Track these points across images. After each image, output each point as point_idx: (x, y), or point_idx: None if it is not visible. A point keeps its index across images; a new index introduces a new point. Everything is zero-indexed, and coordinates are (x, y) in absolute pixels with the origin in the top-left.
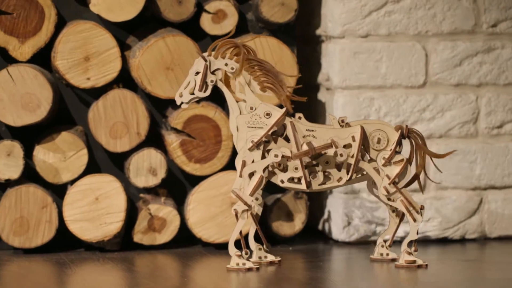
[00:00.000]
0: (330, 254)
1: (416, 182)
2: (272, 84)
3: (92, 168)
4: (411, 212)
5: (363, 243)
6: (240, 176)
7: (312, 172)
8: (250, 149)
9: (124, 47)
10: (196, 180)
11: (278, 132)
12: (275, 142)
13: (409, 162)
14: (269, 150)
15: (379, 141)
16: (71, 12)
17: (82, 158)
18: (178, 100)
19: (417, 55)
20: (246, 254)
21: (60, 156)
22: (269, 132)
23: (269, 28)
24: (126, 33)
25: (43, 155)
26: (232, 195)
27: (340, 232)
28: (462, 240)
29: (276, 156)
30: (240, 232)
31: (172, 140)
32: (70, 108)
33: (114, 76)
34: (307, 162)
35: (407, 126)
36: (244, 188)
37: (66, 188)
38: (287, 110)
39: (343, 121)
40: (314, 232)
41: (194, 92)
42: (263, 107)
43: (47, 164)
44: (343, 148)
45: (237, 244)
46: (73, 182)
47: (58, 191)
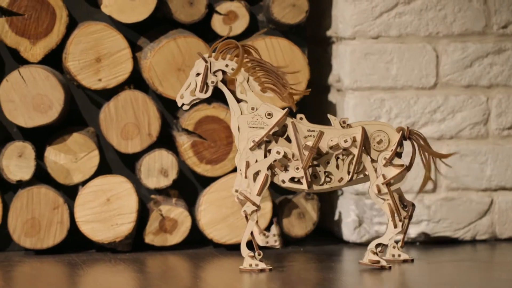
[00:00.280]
0: (342, 255)
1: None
2: (273, 84)
3: (103, 169)
4: (394, 218)
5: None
6: (245, 177)
7: (313, 173)
8: (251, 148)
9: (135, 48)
10: (207, 181)
11: (279, 133)
12: (276, 142)
13: (409, 167)
14: (270, 150)
15: (380, 142)
16: (82, 13)
17: (94, 159)
18: (179, 101)
19: (427, 56)
20: (259, 255)
21: (72, 157)
22: (270, 132)
23: (280, 29)
24: (137, 34)
25: (54, 156)
26: (240, 196)
27: (351, 233)
28: (472, 241)
29: (278, 153)
30: (252, 233)
31: (183, 141)
32: (81, 109)
33: (125, 77)
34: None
35: (408, 128)
36: (251, 189)
37: (77, 189)
38: (288, 110)
39: (344, 122)
40: (325, 233)
41: (195, 93)
42: (265, 108)
43: (58, 165)
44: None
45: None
46: (84, 183)
47: (69, 192)
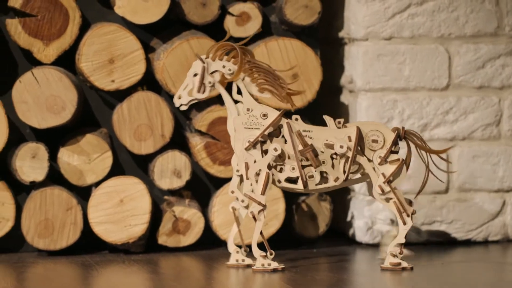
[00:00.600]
0: (354, 256)
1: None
2: (270, 85)
3: (116, 170)
4: (402, 215)
5: (387, 245)
6: (247, 178)
7: (309, 173)
8: (247, 148)
9: (148, 50)
10: (220, 182)
11: (275, 133)
12: (271, 142)
13: (406, 163)
14: (266, 150)
15: (375, 141)
16: (95, 14)
17: (107, 160)
18: (177, 102)
19: (440, 57)
20: (271, 254)
21: (85, 158)
22: (265, 132)
23: (292, 31)
24: (150, 35)
25: (67, 157)
26: (244, 198)
27: (363, 234)
28: (485, 242)
29: (275, 149)
30: (261, 233)
31: (196, 142)
32: (94, 111)
33: (138, 78)
34: (304, 163)
35: (403, 128)
36: (254, 189)
37: (90, 190)
38: (284, 111)
39: (339, 122)
40: (337, 234)
41: (193, 94)
42: (260, 108)
43: (71, 166)
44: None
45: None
46: (97, 184)
47: (83, 193)
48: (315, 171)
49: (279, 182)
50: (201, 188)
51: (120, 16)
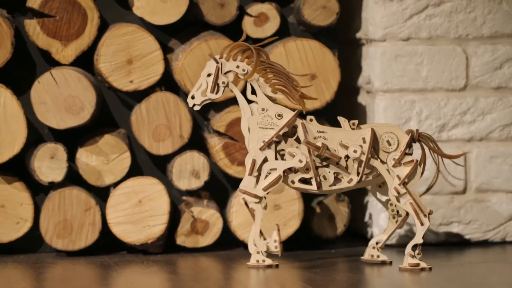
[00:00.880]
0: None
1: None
2: (284, 86)
3: (134, 170)
4: (419, 216)
5: (404, 245)
6: (249, 174)
7: (323, 173)
8: (261, 148)
9: (166, 50)
10: (238, 182)
11: (289, 134)
12: (286, 142)
13: (419, 164)
14: (279, 151)
15: (389, 143)
16: (113, 15)
17: (125, 161)
18: (190, 102)
19: (457, 58)
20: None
21: (103, 158)
22: (280, 133)
23: (310, 31)
24: (168, 36)
25: (86, 157)
26: (239, 193)
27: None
28: (502, 243)
29: (300, 161)
30: (260, 230)
31: (215, 143)
32: (112, 111)
33: (156, 79)
34: (318, 163)
35: (417, 130)
36: (259, 182)
37: (108, 190)
38: (298, 111)
39: (354, 123)
40: (355, 235)
41: (206, 94)
42: (275, 108)
43: (90, 167)
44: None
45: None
46: (115, 184)
47: (101, 194)
48: (329, 172)
49: (293, 182)
50: (219, 188)
51: (138, 17)
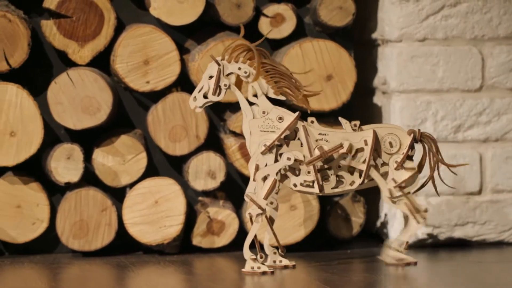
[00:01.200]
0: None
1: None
2: (287, 87)
3: (150, 171)
4: (414, 214)
5: (420, 246)
6: (254, 180)
7: (325, 176)
8: (263, 152)
9: (182, 51)
10: None
11: (291, 136)
12: (288, 145)
13: (419, 169)
14: (281, 154)
15: (391, 144)
16: (129, 16)
17: (141, 161)
18: (192, 104)
19: (473, 59)
20: (261, 258)
21: (119, 159)
22: (281, 136)
23: (326, 32)
24: (184, 36)
25: (102, 158)
26: (246, 199)
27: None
28: None
29: (288, 159)
30: (255, 236)
31: (231, 143)
32: (128, 112)
33: (173, 79)
34: (319, 166)
35: (419, 130)
36: (258, 192)
37: (124, 191)
38: (299, 114)
39: (355, 125)
40: (371, 235)
41: (208, 96)
42: (276, 111)
43: (106, 167)
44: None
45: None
46: (131, 185)
47: (117, 194)
48: (331, 175)
49: (295, 185)
50: (235, 189)
51: (155, 18)
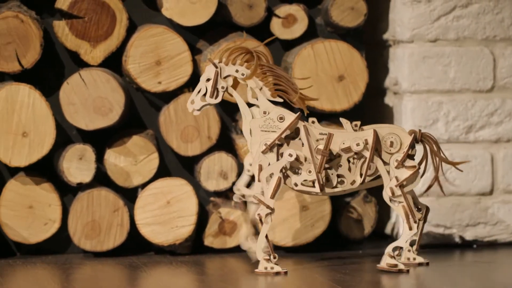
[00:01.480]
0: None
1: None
2: (283, 89)
3: (162, 171)
4: (409, 220)
5: (431, 247)
6: (259, 180)
7: (326, 176)
8: (264, 151)
9: (194, 51)
10: None
11: (292, 136)
12: (288, 145)
13: (420, 165)
14: (282, 153)
15: (392, 144)
16: (141, 16)
17: (153, 161)
18: (190, 107)
19: (485, 59)
20: (274, 258)
21: (131, 159)
22: (282, 135)
23: (338, 33)
24: (196, 37)
25: (114, 158)
26: (253, 200)
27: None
28: None
29: (290, 155)
30: (266, 236)
31: (243, 144)
32: (140, 112)
33: (185, 80)
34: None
35: (420, 131)
36: (264, 192)
37: (136, 191)
38: (300, 114)
39: (356, 125)
40: (382, 236)
41: (206, 99)
42: (277, 111)
43: (118, 168)
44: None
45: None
46: (143, 185)
47: (129, 195)
48: (332, 174)
49: (296, 185)
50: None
51: (166, 18)
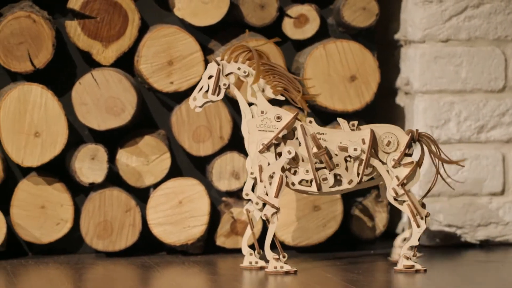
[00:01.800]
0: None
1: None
2: (285, 88)
3: (174, 171)
4: (416, 218)
5: (444, 246)
6: (261, 181)
7: (323, 175)
8: (261, 151)
9: (206, 51)
10: None
11: (289, 136)
12: (285, 145)
13: (418, 165)
14: (280, 153)
15: (389, 144)
16: (153, 17)
17: (165, 162)
18: (192, 104)
19: (496, 59)
20: (283, 257)
21: (143, 159)
22: (279, 135)
23: (350, 33)
24: (208, 37)
25: (126, 158)
26: (258, 201)
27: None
28: None
29: (289, 152)
30: (274, 235)
31: None
32: (152, 112)
33: (197, 80)
34: (317, 165)
35: (417, 130)
36: (268, 191)
37: (147, 191)
38: (297, 113)
39: (353, 124)
40: (394, 236)
41: (208, 96)
42: (274, 111)
43: (130, 168)
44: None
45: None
46: (155, 185)
47: (141, 195)
48: (329, 173)
49: (293, 184)
50: None
51: (178, 18)
